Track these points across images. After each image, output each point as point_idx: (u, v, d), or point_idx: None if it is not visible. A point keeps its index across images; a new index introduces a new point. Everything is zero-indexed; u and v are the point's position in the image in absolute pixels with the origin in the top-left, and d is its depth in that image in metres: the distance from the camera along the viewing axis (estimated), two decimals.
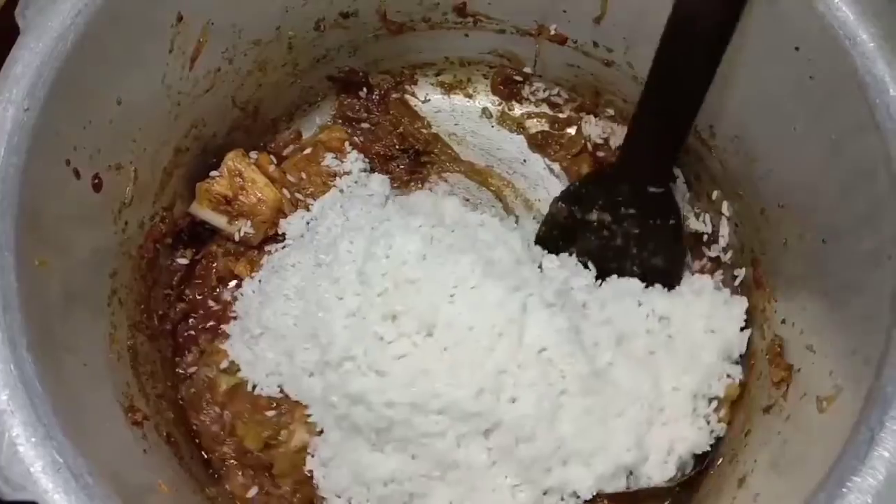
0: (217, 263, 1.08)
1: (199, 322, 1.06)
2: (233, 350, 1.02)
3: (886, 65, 0.77)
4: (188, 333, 1.05)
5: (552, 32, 1.11)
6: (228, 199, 1.06)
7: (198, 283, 1.08)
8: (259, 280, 1.06)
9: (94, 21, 0.80)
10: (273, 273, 1.05)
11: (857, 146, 0.78)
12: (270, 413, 0.98)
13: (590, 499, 0.91)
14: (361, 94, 1.20)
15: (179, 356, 1.04)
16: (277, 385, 0.99)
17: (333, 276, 0.97)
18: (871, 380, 0.71)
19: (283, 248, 1.08)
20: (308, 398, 0.97)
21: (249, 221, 1.06)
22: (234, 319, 1.05)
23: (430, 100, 1.24)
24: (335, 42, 1.13)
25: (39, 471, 0.67)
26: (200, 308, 1.07)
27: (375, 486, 0.91)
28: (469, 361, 0.89)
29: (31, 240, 0.75)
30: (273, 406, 0.99)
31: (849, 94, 0.78)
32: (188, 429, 0.99)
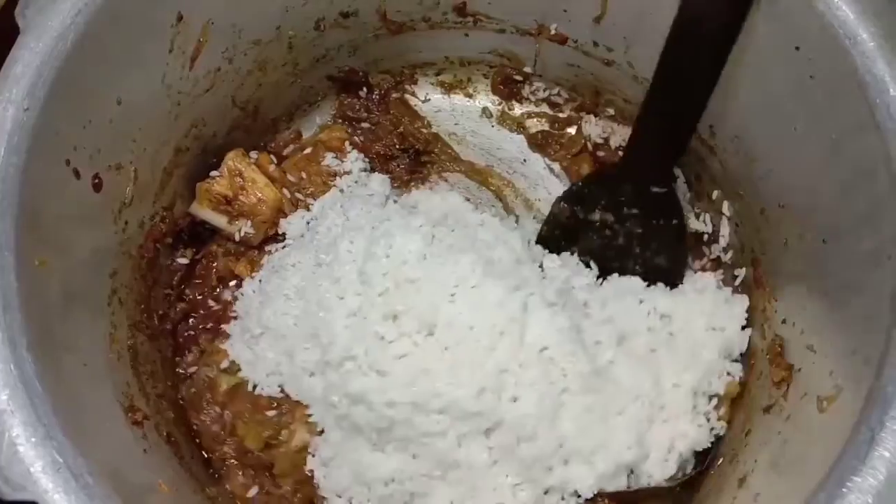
0: (217, 263, 1.08)
1: (200, 322, 1.06)
2: (233, 350, 1.02)
3: (886, 64, 0.77)
4: (188, 333, 1.05)
5: (552, 32, 1.11)
6: (228, 199, 1.06)
7: (198, 283, 1.08)
8: (259, 280, 1.06)
9: (94, 21, 0.80)
10: (273, 273, 1.04)
11: (858, 146, 0.78)
12: (271, 413, 0.98)
13: (591, 498, 0.91)
14: (361, 94, 1.20)
15: (180, 356, 1.04)
16: (278, 385, 0.99)
17: (334, 276, 0.97)
18: (872, 380, 0.71)
19: (284, 248, 1.08)
20: (309, 398, 0.97)
21: (249, 221, 1.06)
22: (235, 319, 1.05)
23: (431, 99, 1.23)
24: (335, 42, 1.13)
25: (39, 471, 0.67)
26: (201, 308, 1.07)
27: (376, 486, 0.92)
28: (470, 361, 0.89)
29: (31, 239, 0.75)
30: (273, 406, 0.98)
31: (849, 94, 0.78)
32: (188, 429, 0.99)
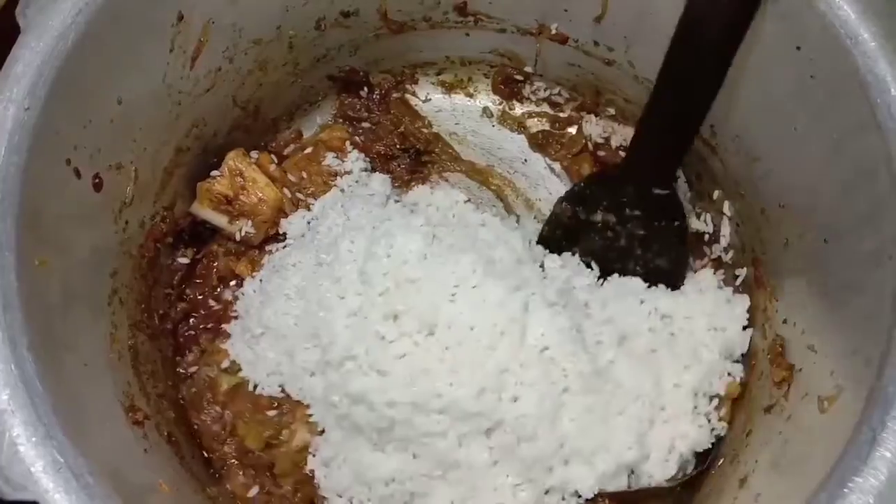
0: (218, 263, 1.08)
1: (200, 322, 1.06)
2: (234, 349, 1.02)
3: (888, 64, 0.77)
4: (189, 333, 1.05)
5: (553, 32, 1.11)
6: (229, 199, 1.06)
7: (198, 283, 1.08)
8: (260, 279, 1.06)
9: (95, 20, 0.80)
10: (274, 272, 1.04)
11: (859, 146, 0.78)
12: (271, 413, 0.98)
13: (591, 498, 0.91)
14: (362, 94, 1.20)
15: (180, 356, 1.04)
16: (278, 385, 0.99)
17: (335, 276, 0.97)
18: (873, 380, 0.71)
19: (284, 248, 1.08)
20: (309, 398, 0.97)
21: (250, 221, 1.06)
22: (235, 319, 1.05)
23: (431, 99, 1.23)
24: (336, 41, 1.13)
25: (40, 470, 0.66)
26: (201, 307, 1.07)
27: (377, 486, 0.91)
28: (470, 361, 0.89)
29: (32, 239, 0.75)
30: (274, 406, 0.99)
31: (850, 94, 0.78)
32: (189, 428, 0.99)
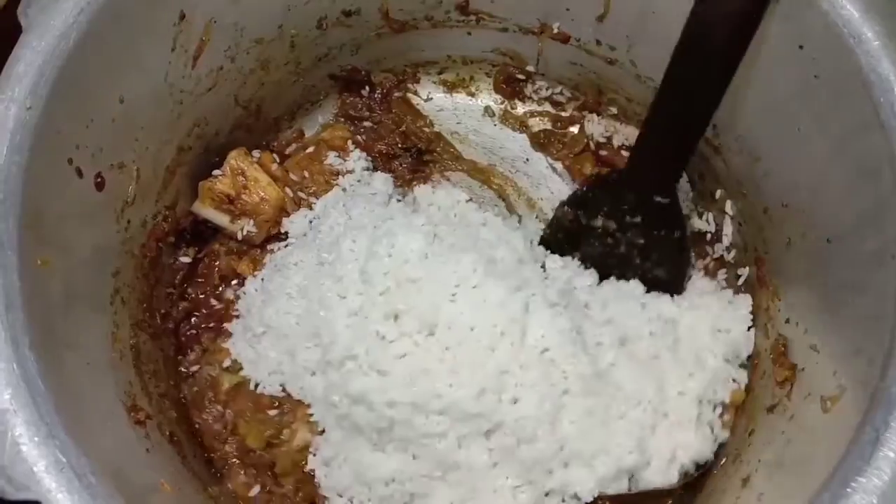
0: (220, 262, 1.08)
1: (202, 321, 1.06)
2: (235, 348, 1.02)
3: (891, 63, 0.77)
4: (190, 332, 1.05)
5: (555, 31, 1.11)
6: (231, 198, 1.05)
7: (200, 282, 1.07)
8: (262, 278, 1.06)
9: (97, 19, 0.80)
10: (276, 271, 1.04)
11: (862, 145, 0.78)
12: (272, 412, 0.98)
13: (591, 500, 0.90)
14: (364, 93, 1.20)
15: (182, 355, 1.04)
16: (280, 384, 0.99)
17: (336, 275, 0.96)
18: (876, 380, 0.70)
19: (286, 247, 1.07)
20: (310, 397, 0.97)
21: (252, 220, 1.06)
22: (237, 318, 1.05)
23: (433, 98, 1.23)
24: (337, 40, 1.13)
25: (42, 470, 0.66)
26: (203, 307, 1.06)
27: (377, 486, 0.91)
28: (470, 361, 0.89)
29: (34, 239, 0.75)
30: (275, 405, 0.98)
31: (853, 93, 0.78)
32: (191, 428, 0.99)
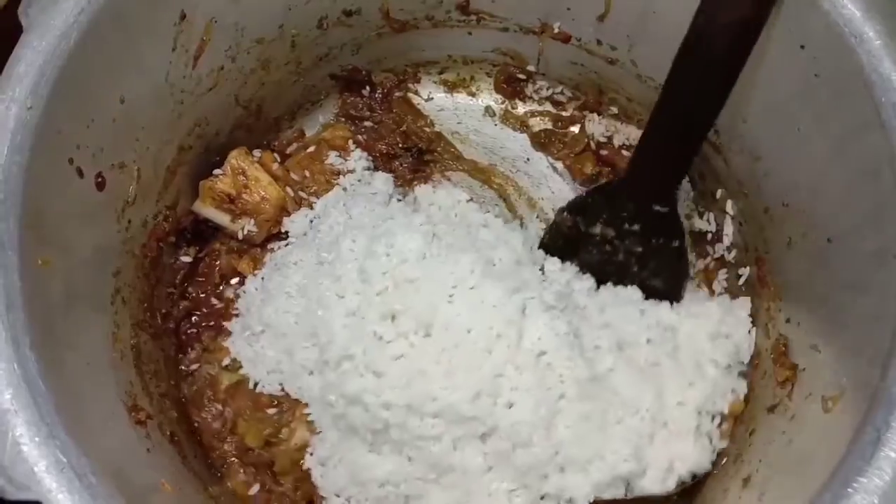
0: (220, 261, 1.08)
1: (202, 319, 1.06)
2: (234, 347, 1.02)
3: (892, 63, 0.77)
4: (191, 331, 1.05)
5: (555, 30, 1.11)
6: (232, 198, 1.05)
7: (201, 281, 1.07)
8: (262, 277, 1.06)
9: (97, 19, 0.80)
10: (275, 270, 1.04)
11: (863, 145, 0.78)
12: (271, 411, 0.98)
13: None
14: (364, 93, 1.20)
15: (182, 353, 1.04)
16: (278, 383, 0.98)
17: (335, 274, 0.96)
18: (877, 380, 0.70)
19: (286, 246, 1.07)
20: (307, 397, 0.97)
21: (253, 220, 1.06)
22: (236, 316, 1.05)
23: (434, 98, 1.23)
24: (338, 40, 1.12)
25: (43, 470, 0.66)
26: (203, 306, 1.07)
27: (371, 487, 0.91)
28: (466, 364, 0.88)
29: (35, 239, 0.75)
30: (274, 404, 0.98)
31: (854, 93, 0.78)
32: (191, 427, 0.99)
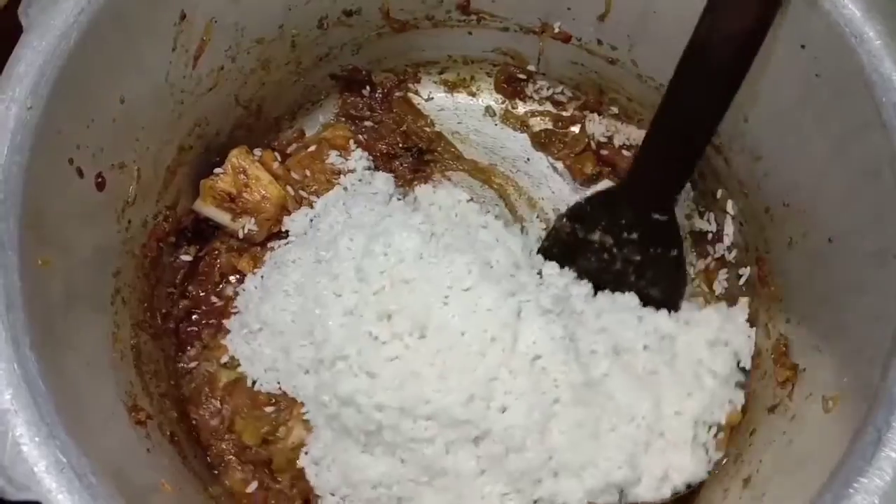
0: (220, 260, 1.08)
1: (202, 317, 1.06)
2: (232, 345, 1.02)
3: (893, 63, 0.77)
4: (191, 329, 1.05)
5: (556, 30, 1.11)
6: (232, 197, 1.05)
7: (201, 280, 1.07)
8: (261, 276, 1.05)
9: (97, 19, 0.80)
10: (274, 268, 1.04)
11: (863, 145, 0.78)
12: (269, 409, 0.98)
13: None
14: (365, 93, 1.20)
15: (182, 352, 1.03)
16: (276, 381, 0.98)
17: (332, 273, 0.96)
18: (878, 380, 0.70)
19: (286, 244, 1.07)
20: (302, 396, 0.96)
21: (253, 219, 1.06)
22: (235, 314, 1.04)
23: (434, 98, 1.23)
24: (338, 40, 1.12)
25: (43, 470, 0.66)
26: (203, 304, 1.06)
27: (364, 488, 0.91)
28: (460, 367, 0.87)
29: (35, 239, 0.75)
30: (272, 402, 0.98)
31: (855, 93, 0.78)
32: (190, 427, 0.99)
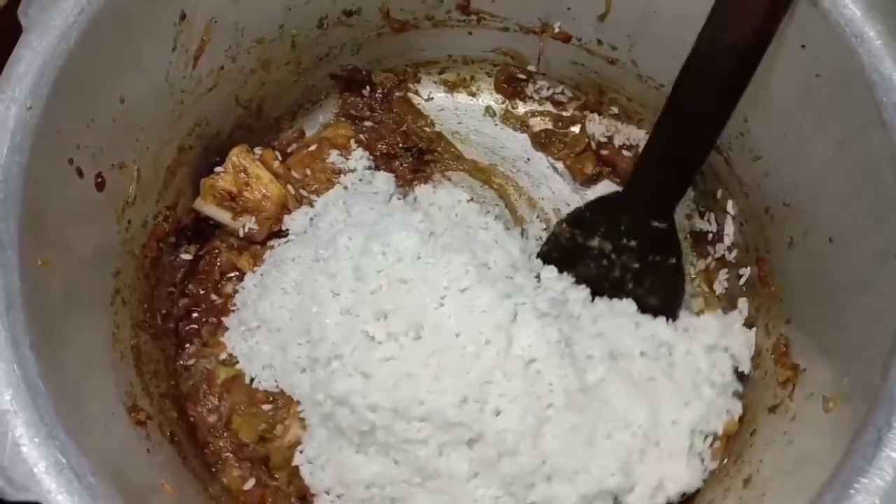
0: (221, 258, 1.08)
1: (202, 315, 1.06)
2: (230, 342, 1.02)
3: (893, 63, 0.77)
4: (190, 327, 1.05)
5: (556, 30, 1.11)
6: (233, 195, 1.05)
7: (201, 279, 1.07)
8: (260, 273, 1.05)
9: (97, 19, 0.80)
10: (273, 266, 1.04)
11: (863, 144, 0.78)
12: (266, 407, 0.98)
13: None
14: (365, 93, 1.20)
15: (181, 349, 1.03)
16: (274, 379, 0.98)
17: (331, 272, 0.96)
18: (878, 380, 0.70)
19: (286, 243, 1.07)
20: (298, 394, 0.96)
21: (254, 217, 1.06)
22: (234, 312, 1.04)
23: (434, 98, 1.23)
24: (338, 40, 1.12)
25: (43, 471, 0.66)
26: (203, 302, 1.06)
27: (357, 488, 0.90)
28: (454, 368, 0.87)
29: (34, 239, 0.75)
30: (269, 400, 0.98)
31: (855, 93, 0.78)
32: (189, 426, 0.99)
